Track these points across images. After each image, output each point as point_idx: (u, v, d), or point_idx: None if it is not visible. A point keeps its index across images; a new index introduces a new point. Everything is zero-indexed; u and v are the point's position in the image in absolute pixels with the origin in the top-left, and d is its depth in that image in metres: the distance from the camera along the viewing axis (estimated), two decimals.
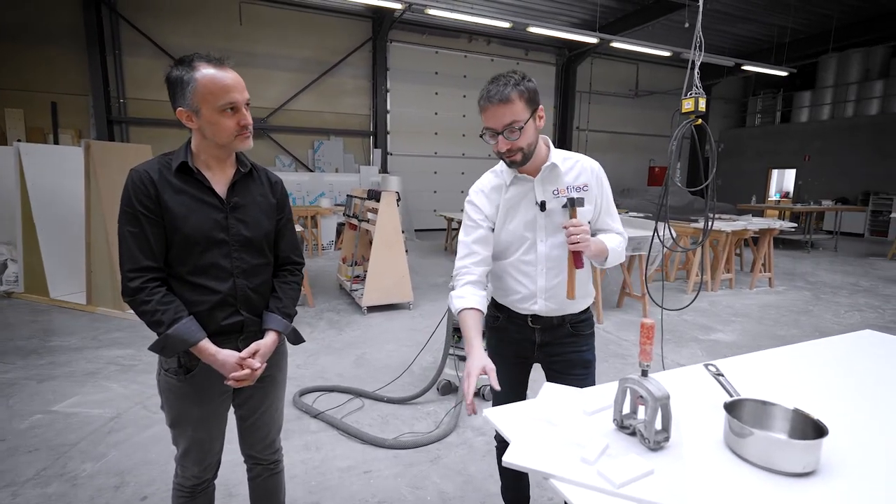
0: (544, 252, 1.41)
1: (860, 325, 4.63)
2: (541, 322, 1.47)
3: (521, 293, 1.46)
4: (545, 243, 1.41)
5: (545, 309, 1.44)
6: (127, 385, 3.12)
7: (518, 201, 1.42)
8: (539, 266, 1.42)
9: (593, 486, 0.85)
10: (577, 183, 1.40)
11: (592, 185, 1.41)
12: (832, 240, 10.25)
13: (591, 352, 1.55)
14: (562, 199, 1.36)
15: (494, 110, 1.26)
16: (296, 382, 3.18)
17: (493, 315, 1.59)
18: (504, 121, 1.26)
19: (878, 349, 1.58)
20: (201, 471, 1.37)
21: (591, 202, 1.41)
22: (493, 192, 1.46)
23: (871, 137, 12.02)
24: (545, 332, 1.49)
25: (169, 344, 1.17)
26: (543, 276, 1.42)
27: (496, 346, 1.60)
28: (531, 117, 1.29)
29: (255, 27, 9.84)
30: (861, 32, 10.90)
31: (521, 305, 1.47)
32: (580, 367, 1.50)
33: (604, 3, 9.69)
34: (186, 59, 1.15)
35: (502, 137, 1.28)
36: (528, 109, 1.28)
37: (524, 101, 1.27)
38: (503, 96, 1.25)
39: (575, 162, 1.43)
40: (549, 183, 1.40)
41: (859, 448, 0.99)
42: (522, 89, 1.26)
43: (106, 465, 2.26)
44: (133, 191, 1.17)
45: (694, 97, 3.96)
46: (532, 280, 1.43)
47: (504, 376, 1.55)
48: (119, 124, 9.26)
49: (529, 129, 1.29)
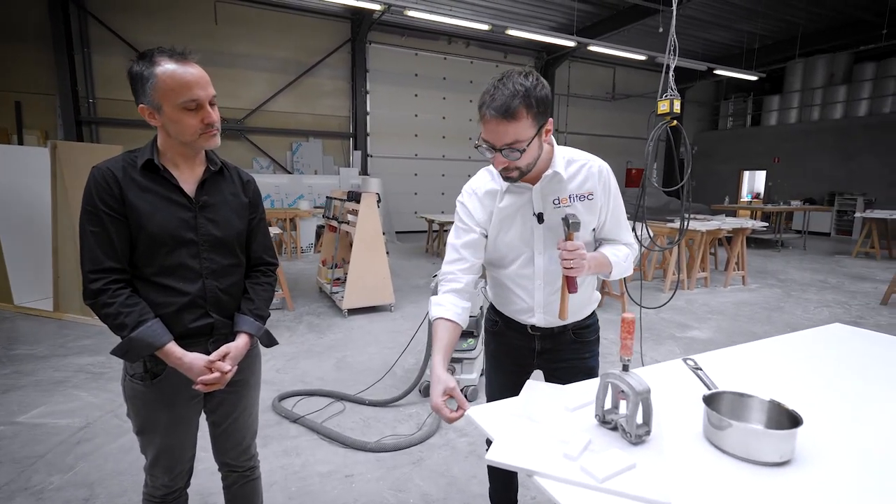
0: (542, 266, 1.31)
1: (829, 320, 4.79)
2: (541, 330, 1.40)
3: (518, 305, 1.38)
4: (543, 256, 1.30)
5: (544, 322, 1.37)
6: (97, 393, 3.00)
7: (514, 212, 1.29)
8: (537, 280, 1.32)
9: (577, 481, 0.85)
10: (582, 191, 1.26)
11: (598, 193, 1.28)
12: (801, 239, 10.61)
13: (594, 358, 1.47)
14: (562, 210, 1.25)
15: (496, 125, 1.09)
16: (275, 387, 3.11)
17: (491, 319, 1.52)
18: (505, 139, 1.10)
19: (847, 342, 1.63)
20: (171, 479, 1.32)
21: (593, 212, 1.29)
22: (486, 196, 1.31)
23: (835, 140, 12.50)
24: (545, 340, 1.41)
25: (133, 347, 1.12)
26: (542, 291, 1.33)
27: (494, 351, 1.54)
28: (537, 134, 1.12)
29: (230, 26, 9.67)
30: (826, 39, 11.34)
31: (520, 317, 1.40)
32: (583, 374, 1.38)
33: (581, 7, 9.84)
34: (147, 54, 1.11)
35: (500, 155, 1.13)
36: (535, 125, 1.11)
37: (531, 116, 1.09)
38: (508, 111, 1.06)
39: (581, 166, 1.28)
40: (550, 192, 1.26)
41: (832, 436, 1.01)
42: (532, 102, 1.08)
43: (74, 476, 2.17)
44: (95, 189, 1.12)
45: (669, 99, 4.05)
46: (530, 294, 1.35)
47: (499, 383, 1.53)
48: (88, 125, 8.97)
49: (533, 149, 1.14)
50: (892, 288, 5.47)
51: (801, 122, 13.34)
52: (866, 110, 12.14)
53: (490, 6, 9.99)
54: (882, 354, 1.51)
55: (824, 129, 12.74)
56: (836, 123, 12.55)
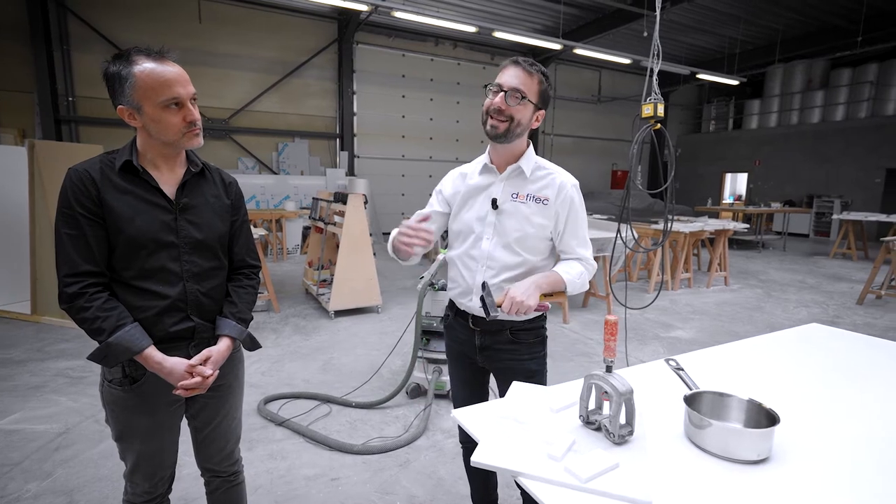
0: (487, 250, 1.41)
1: (807, 319, 4.90)
2: (480, 324, 1.46)
3: (460, 287, 1.48)
4: (490, 241, 1.41)
5: (478, 308, 1.39)
6: (76, 398, 2.94)
7: (478, 192, 1.44)
8: (480, 262, 1.42)
9: (561, 482, 0.86)
10: (540, 194, 1.38)
11: (552, 201, 1.38)
12: (781, 240, 10.85)
13: (535, 361, 1.49)
14: (516, 206, 1.37)
15: (514, 71, 1.30)
16: (261, 390, 3.08)
17: (445, 313, 1.62)
18: (514, 83, 1.29)
19: (824, 341, 1.68)
20: (152, 486, 1.30)
21: (547, 217, 1.38)
22: (460, 177, 1.51)
23: (813, 144, 12.81)
24: (485, 336, 1.47)
25: (111, 352, 1.10)
26: (482, 273, 1.41)
27: (449, 345, 1.63)
28: (533, 107, 1.33)
29: (215, 25, 9.54)
30: (804, 45, 11.61)
31: (460, 300, 1.49)
32: (522, 375, 1.42)
33: (567, 10, 9.93)
34: (124, 54, 1.09)
35: (503, 95, 1.29)
36: (537, 97, 1.33)
37: (538, 89, 1.32)
38: (528, 69, 1.30)
39: (546, 174, 1.41)
40: (512, 185, 1.41)
41: (808, 434, 1.04)
42: (542, 80, 1.33)
43: (53, 483, 2.12)
44: (71, 191, 1.10)
45: (653, 102, 4.11)
46: (472, 275, 1.43)
47: (457, 377, 1.64)
48: (68, 123, 8.76)
49: (526, 112, 1.32)
50: (867, 288, 5.62)
51: (780, 125, 13.65)
52: (843, 115, 12.46)
53: (477, 8, 10.02)
54: (857, 354, 1.55)
55: (803, 132, 13.04)
56: (814, 127, 12.86)
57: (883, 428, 1.07)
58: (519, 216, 1.38)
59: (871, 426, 1.08)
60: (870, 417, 1.12)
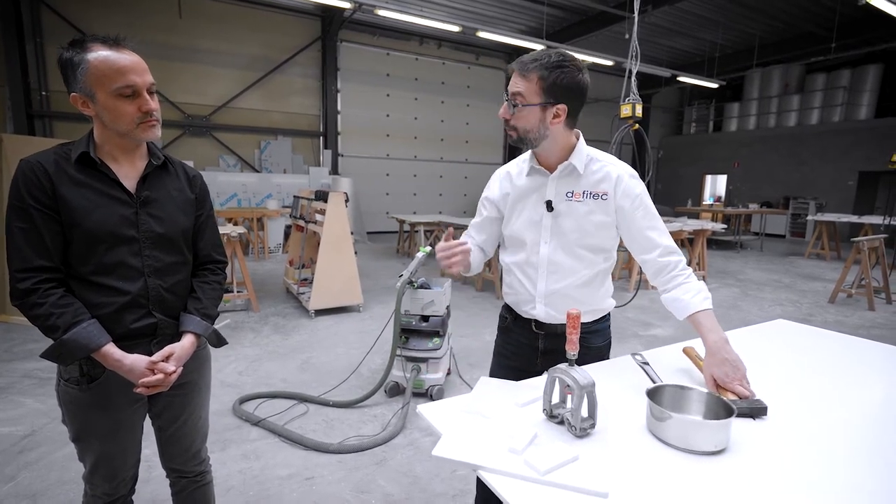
0: (546, 255, 1.34)
1: (781, 317, 5.01)
2: (544, 328, 1.40)
3: (522, 295, 1.41)
4: (549, 245, 1.34)
5: (545, 315, 1.37)
6: (44, 399, 2.86)
7: (528, 195, 1.36)
8: (540, 269, 1.35)
9: (519, 474, 0.86)
10: (596, 189, 1.30)
11: (611, 195, 1.30)
12: (758, 240, 11.09)
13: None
14: (572, 205, 1.30)
15: (513, 76, 1.24)
16: (237, 390, 3.04)
17: (503, 316, 1.54)
18: (513, 89, 1.23)
19: (787, 336, 1.71)
20: (113, 487, 1.26)
21: (607, 213, 1.30)
22: (507, 176, 1.42)
23: (790, 147, 13.14)
24: (549, 339, 1.40)
25: (66, 350, 1.06)
26: (544, 280, 1.35)
27: (500, 348, 1.54)
28: (541, 105, 1.21)
29: (196, 21, 9.39)
30: (780, 50, 11.90)
31: (523, 308, 1.41)
32: None
33: (550, 12, 10.00)
34: (79, 41, 1.07)
35: (506, 104, 1.25)
36: (541, 96, 1.20)
37: (540, 86, 1.19)
38: (523, 68, 1.21)
39: (601, 167, 1.32)
40: (564, 184, 1.32)
41: (765, 425, 1.06)
42: (546, 75, 1.18)
43: (16, 487, 2.06)
44: (23, 183, 1.06)
45: (631, 103, 4.15)
46: (532, 283, 1.37)
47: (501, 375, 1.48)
48: (41, 118, 8.54)
49: (530, 115, 1.22)
50: (839, 287, 5.78)
51: (758, 128, 13.96)
52: (818, 119, 12.81)
53: (461, 8, 10.04)
54: (819, 349, 1.59)
55: (780, 135, 13.36)
56: (791, 131, 13.18)
57: (840, 419, 1.10)
58: (577, 216, 1.30)
59: (828, 419, 1.10)
60: (828, 410, 1.15)
